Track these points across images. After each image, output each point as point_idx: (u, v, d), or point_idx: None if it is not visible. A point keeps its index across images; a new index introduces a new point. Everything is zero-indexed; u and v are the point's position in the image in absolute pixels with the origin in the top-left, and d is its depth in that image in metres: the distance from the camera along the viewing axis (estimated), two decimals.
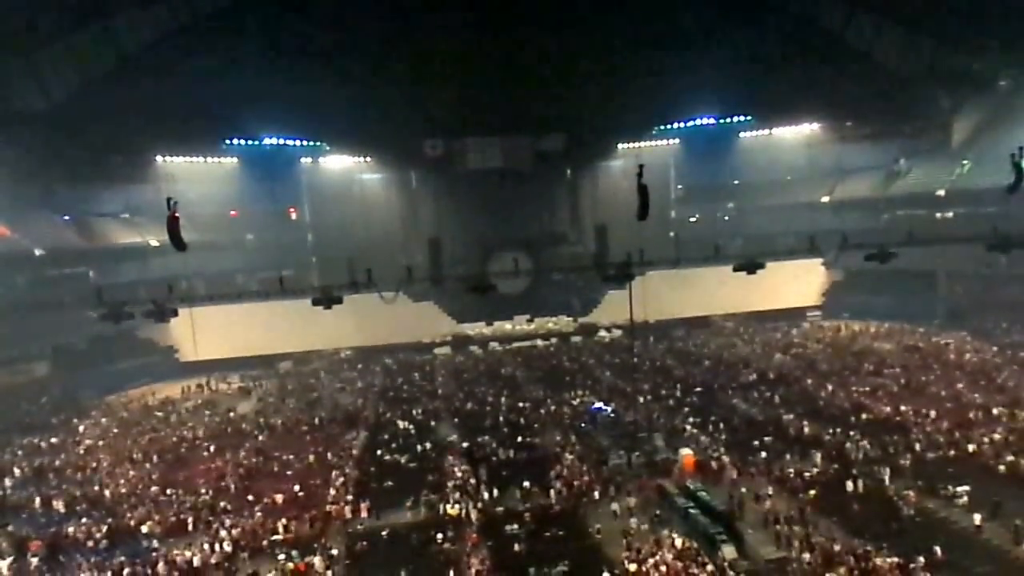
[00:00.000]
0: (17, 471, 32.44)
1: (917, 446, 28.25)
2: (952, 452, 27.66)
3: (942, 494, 24.08)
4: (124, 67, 45.22)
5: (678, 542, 21.57)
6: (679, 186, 74.87)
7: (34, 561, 23.20)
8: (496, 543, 22.91)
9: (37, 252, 51.60)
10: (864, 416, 32.74)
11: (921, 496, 23.94)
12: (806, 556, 20.11)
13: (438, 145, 67.75)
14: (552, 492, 26.72)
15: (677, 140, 72.16)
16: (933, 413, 31.83)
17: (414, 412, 39.77)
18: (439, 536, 23.26)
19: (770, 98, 60.56)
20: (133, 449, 35.17)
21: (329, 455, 32.71)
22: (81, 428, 40.54)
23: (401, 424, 37.55)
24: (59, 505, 27.98)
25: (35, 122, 45.22)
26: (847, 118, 66.08)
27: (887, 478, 25.28)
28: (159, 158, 59.69)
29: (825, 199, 65.94)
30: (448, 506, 25.64)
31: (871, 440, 28.86)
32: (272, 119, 59.06)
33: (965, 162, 55.82)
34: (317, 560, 21.93)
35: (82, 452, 35.59)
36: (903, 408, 33.09)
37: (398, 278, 39.88)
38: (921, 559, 19.04)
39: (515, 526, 23.91)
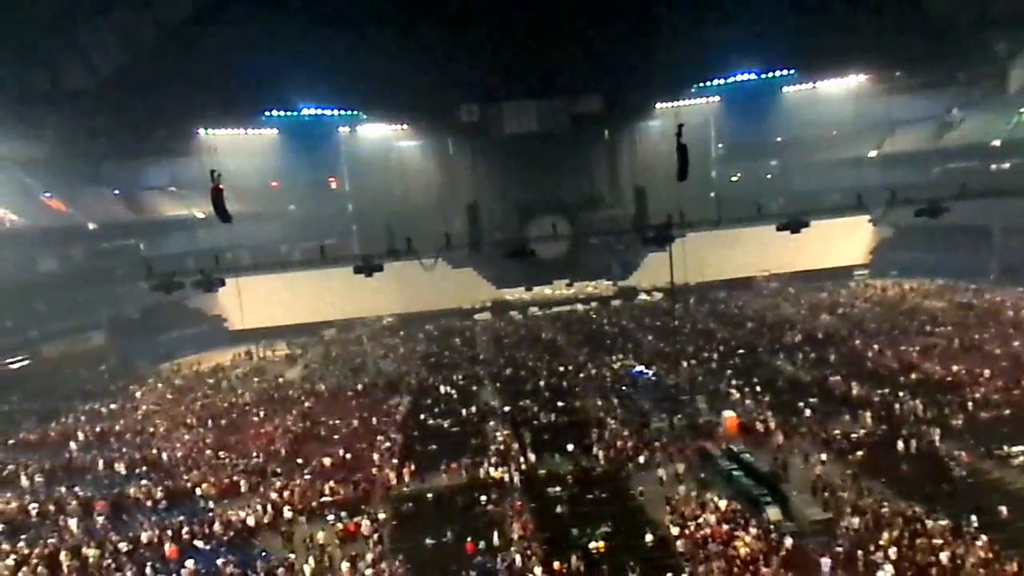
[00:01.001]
0: (81, 435, 33.87)
1: (970, 405, 27.52)
2: (1007, 412, 26.84)
3: (996, 454, 23.51)
4: (165, 42, 45.85)
5: (722, 504, 21.55)
6: (720, 145, 73.31)
7: (99, 520, 24.32)
8: (539, 505, 23.21)
9: (91, 226, 53.31)
10: (914, 376, 32.01)
11: (974, 456, 23.43)
12: (855, 520, 19.78)
13: (474, 111, 67.29)
14: (594, 455, 26.89)
15: (717, 97, 70.32)
16: (987, 372, 30.90)
17: (456, 377, 40.23)
18: (483, 498, 23.67)
19: (815, 50, 58.36)
20: (187, 414, 36.46)
21: (374, 420, 33.38)
22: (138, 394, 42.11)
23: (443, 389, 38.06)
24: (120, 467, 29.23)
25: (83, 99, 46.25)
26: (896, 68, 63.39)
27: (938, 438, 24.76)
28: (201, 131, 60.58)
29: (873, 154, 63.82)
30: (491, 469, 26.03)
31: (922, 400, 28.18)
32: (309, 89, 59.48)
33: (1022, 111, 53.29)
34: (365, 522, 22.54)
35: (139, 417, 37.01)
36: (955, 367, 32.21)
37: (437, 245, 40.15)
38: (974, 520, 18.56)
39: (557, 488, 24.16)
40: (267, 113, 63.52)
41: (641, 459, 26.17)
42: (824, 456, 24.78)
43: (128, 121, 53.65)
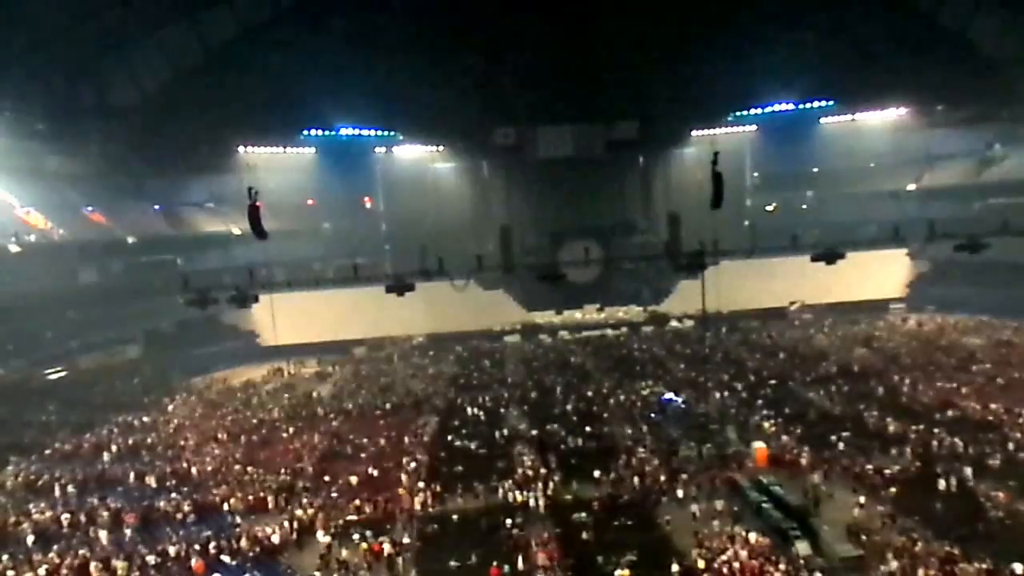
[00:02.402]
0: (114, 447, 34.42)
1: (1009, 445, 26.74)
2: None
3: None
4: (210, 61, 47.11)
5: (751, 537, 21.16)
6: (755, 174, 72.93)
7: (129, 532, 24.63)
8: (564, 531, 23.00)
9: (130, 240, 54.62)
10: (950, 413, 31.21)
11: (1012, 498, 22.71)
12: (889, 559, 19.26)
13: (510, 134, 67.87)
14: (621, 482, 26.63)
15: (754, 126, 70.15)
16: None
17: (484, 399, 40.22)
18: (508, 522, 23.53)
19: (854, 82, 57.98)
20: (218, 429, 36.86)
21: (401, 440, 33.45)
22: (170, 408, 42.75)
23: (471, 411, 38.06)
24: (151, 480, 29.57)
25: (128, 115, 47.64)
26: (937, 102, 62.54)
27: (974, 478, 24.08)
28: (241, 149, 61.91)
29: (912, 187, 62.97)
30: (517, 493, 25.88)
31: (958, 438, 27.47)
32: (348, 110, 60.50)
33: None
34: (390, 542, 22.52)
35: (171, 431, 37.51)
36: (993, 406, 31.32)
37: (469, 266, 40.37)
38: (1017, 568, 17.95)
39: (583, 514, 23.93)
40: (306, 132, 64.76)
41: (669, 488, 25.80)
42: (856, 492, 24.24)
43: (171, 138, 54.98)
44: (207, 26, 46.90)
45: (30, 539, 24.03)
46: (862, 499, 23.61)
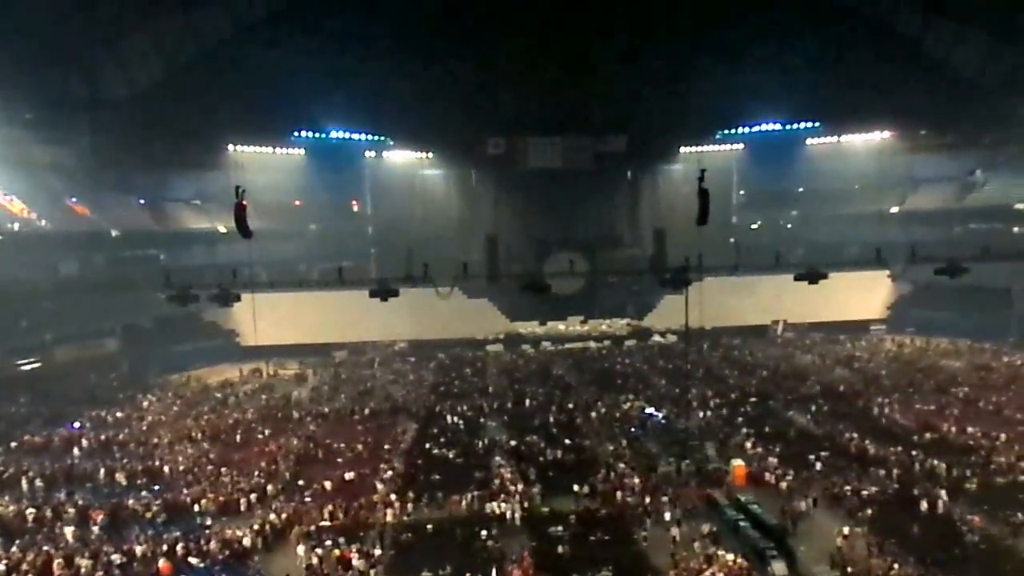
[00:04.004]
0: (85, 442, 33.84)
1: (984, 469, 26.97)
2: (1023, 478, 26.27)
3: (1011, 521, 22.87)
4: (203, 59, 46.84)
5: (728, 557, 21.07)
6: (741, 192, 73.53)
7: (95, 530, 24.14)
8: (540, 544, 22.79)
9: (114, 233, 53.99)
10: (929, 436, 31.41)
11: (987, 522, 22.84)
12: None
13: (500, 143, 68.07)
14: (599, 496, 26.49)
15: (741, 145, 70.84)
16: (1004, 436, 30.33)
17: (464, 408, 39.94)
18: (483, 533, 23.29)
19: (840, 104, 58.89)
20: (192, 428, 36.31)
21: (379, 445, 33.14)
22: (145, 404, 42.10)
23: (450, 419, 37.78)
24: (121, 477, 29.05)
25: (118, 108, 47.20)
26: (921, 127, 63.64)
27: (951, 501, 24.19)
28: (230, 147, 61.47)
29: (895, 210, 63.69)
30: (494, 504, 25.67)
31: (935, 460, 27.63)
32: (339, 113, 60.48)
33: None
34: (362, 549, 22.22)
35: (145, 428, 36.91)
36: (970, 429, 31.66)
37: (454, 274, 40.21)
38: None
39: (560, 528, 23.71)
40: (296, 133, 64.47)
41: (647, 504, 25.67)
42: (834, 512, 24.27)
43: (160, 133, 54.56)
44: (202, 23, 46.69)
45: None
46: (840, 520, 23.62)
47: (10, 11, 34.46)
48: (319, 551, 22.08)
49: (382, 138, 69.03)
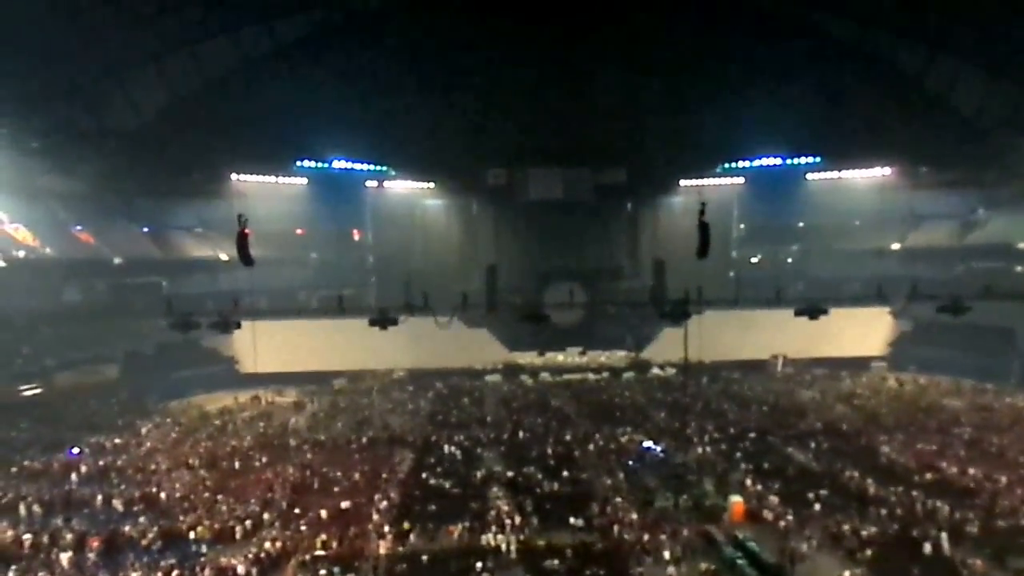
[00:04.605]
0: (83, 468, 33.73)
1: (986, 512, 26.71)
2: None
3: (1011, 566, 22.65)
4: (208, 89, 47.55)
5: None
6: (741, 225, 73.85)
7: (91, 557, 23.99)
8: None
9: (116, 260, 54.33)
10: (929, 476, 31.13)
11: (988, 566, 22.59)
12: None
13: (501, 174, 68.66)
14: (596, 530, 26.31)
15: (742, 179, 71.24)
16: (1005, 479, 30.08)
17: (460, 438, 39.80)
18: (478, 565, 23.11)
19: (842, 140, 59.23)
20: (190, 455, 36.20)
21: (376, 475, 32.98)
22: (144, 431, 41.94)
23: (447, 449, 37.62)
24: (118, 504, 28.95)
25: (123, 137, 47.82)
26: (923, 163, 63.86)
27: (951, 544, 23.94)
28: (233, 176, 62.07)
29: (896, 246, 63.87)
30: (489, 535, 25.49)
31: (935, 502, 27.41)
32: (342, 143, 61.02)
33: None
34: None
35: (143, 454, 36.82)
36: (972, 471, 31.33)
37: (453, 303, 40.44)
38: None
39: (555, 561, 23.55)
40: (298, 163, 65.12)
41: (643, 538, 25.46)
42: (828, 550, 24.09)
43: (164, 161, 55.12)
44: (208, 55, 47.44)
45: None
46: (839, 561, 23.41)
47: (17, 42, 35.09)
48: None
49: (384, 168, 69.66)
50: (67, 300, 52.94)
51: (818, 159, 66.75)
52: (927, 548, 23.66)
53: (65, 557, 23.70)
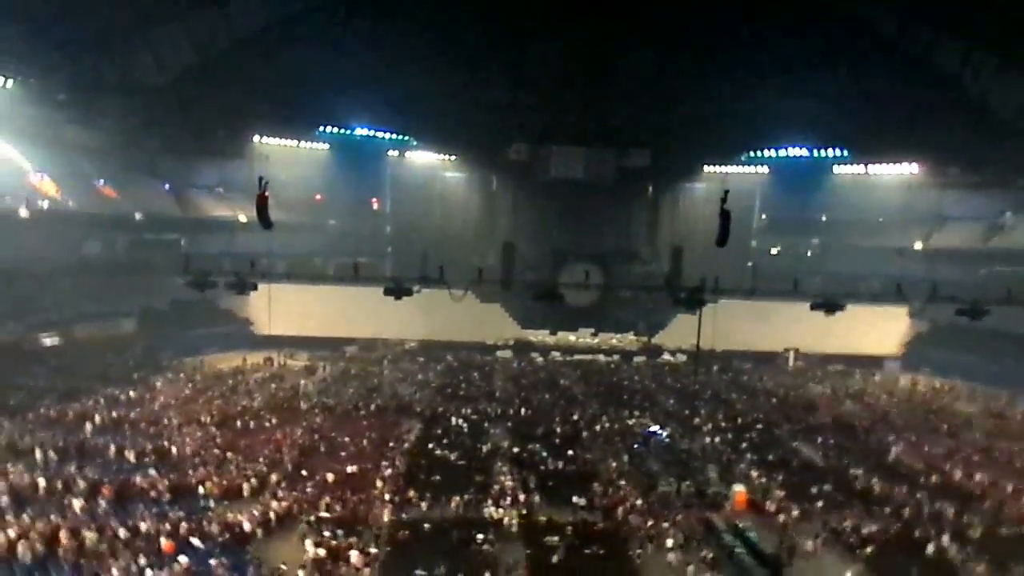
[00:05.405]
0: (98, 418, 34.29)
1: (991, 518, 26.54)
2: None
3: (1014, 572, 22.55)
4: (236, 49, 47.44)
5: None
6: (763, 216, 72.95)
7: (103, 504, 24.51)
8: (534, 552, 22.87)
9: (137, 216, 54.66)
10: (935, 478, 30.99)
11: (990, 572, 22.50)
12: None
13: (523, 150, 68.09)
14: (597, 509, 26.52)
15: (766, 168, 70.26)
16: (1010, 487, 29.80)
17: (469, 411, 40.11)
18: (479, 537, 23.40)
19: (870, 134, 58.11)
20: (202, 411, 36.74)
21: (383, 442, 33.37)
22: (158, 385, 42.61)
23: (455, 421, 37.97)
24: (130, 455, 29.46)
25: (149, 93, 47.87)
26: (952, 163, 62.66)
27: (954, 547, 23.87)
28: (256, 138, 62.09)
29: (919, 246, 63.00)
30: (492, 509, 25.76)
31: (940, 505, 27.34)
32: (366, 110, 60.73)
33: None
34: (359, 542, 22.40)
35: (156, 408, 37.35)
36: (979, 476, 31.10)
37: (469, 277, 40.48)
38: None
39: (555, 538, 23.77)
40: (321, 128, 64.99)
41: (644, 521, 25.62)
42: (828, 545, 24.15)
43: (189, 120, 55.16)
44: (238, 16, 47.28)
45: (4, 499, 23.86)
46: (838, 556, 23.46)
47: None
48: (312, 542, 22.29)
49: (406, 138, 69.35)
50: (87, 253, 53.45)
51: (845, 152, 65.59)
52: (929, 549, 23.63)
53: (78, 503, 24.18)
